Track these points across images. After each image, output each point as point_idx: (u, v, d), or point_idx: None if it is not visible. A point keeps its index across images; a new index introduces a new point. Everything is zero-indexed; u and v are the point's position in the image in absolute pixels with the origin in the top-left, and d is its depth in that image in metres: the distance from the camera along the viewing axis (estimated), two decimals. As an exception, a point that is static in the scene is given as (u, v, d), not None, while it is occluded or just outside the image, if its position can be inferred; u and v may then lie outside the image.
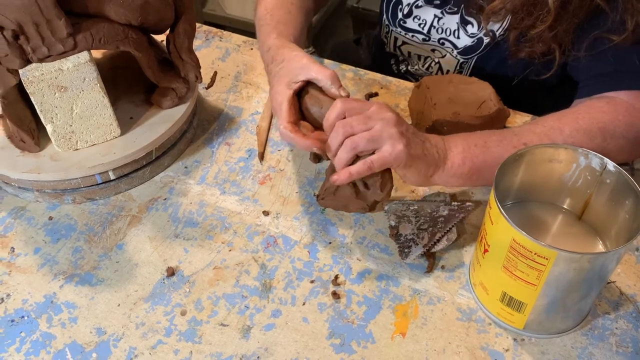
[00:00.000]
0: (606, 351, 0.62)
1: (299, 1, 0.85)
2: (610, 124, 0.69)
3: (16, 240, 0.72)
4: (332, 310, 0.65)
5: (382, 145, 0.61)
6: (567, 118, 0.70)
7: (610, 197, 0.62)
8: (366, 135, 0.61)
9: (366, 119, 0.61)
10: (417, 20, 0.92)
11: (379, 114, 0.62)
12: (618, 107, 0.71)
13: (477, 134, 0.69)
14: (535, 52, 0.79)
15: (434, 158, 0.65)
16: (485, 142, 0.68)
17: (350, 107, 0.63)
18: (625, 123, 0.70)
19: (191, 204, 0.76)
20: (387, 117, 0.62)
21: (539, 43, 0.78)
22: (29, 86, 0.67)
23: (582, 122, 0.69)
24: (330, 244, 0.72)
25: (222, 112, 0.89)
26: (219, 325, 0.64)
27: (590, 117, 0.70)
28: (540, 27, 0.75)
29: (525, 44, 0.80)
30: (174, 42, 0.78)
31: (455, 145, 0.67)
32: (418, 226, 0.69)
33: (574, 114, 0.71)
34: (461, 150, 0.67)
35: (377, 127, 0.61)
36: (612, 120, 0.70)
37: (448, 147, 0.67)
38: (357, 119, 0.62)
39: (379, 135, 0.61)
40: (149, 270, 0.69)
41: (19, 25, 0.63)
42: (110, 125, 0.75)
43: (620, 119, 0.70)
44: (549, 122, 0.70)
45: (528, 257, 0.55)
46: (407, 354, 0.62)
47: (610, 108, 0.71)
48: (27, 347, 0.62)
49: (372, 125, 0.61)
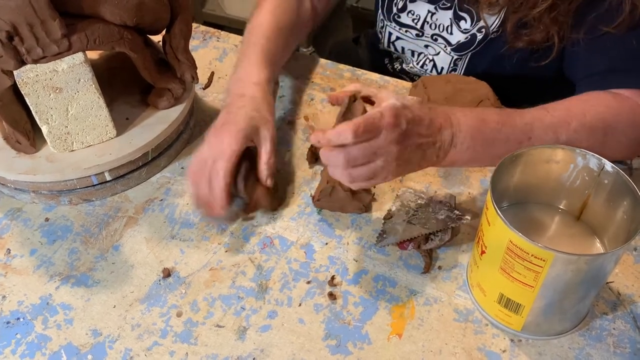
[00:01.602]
0: (604, 352, 0.62)
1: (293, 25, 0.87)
2: (613, 121, 0.69)
3: (12, 242, 0.72)
4: (328, 311, 0.65)
5: (377, 177, 0.62)
6: (576, 110, 0.69)
7: (608, 197, 0.62)
8: (365, 171, 0.61)
9: (372, 155, 0.60)
10: (411, 15, 0.92)
11: (385, 147, 0.60)
12: (623, 104, 0.71)
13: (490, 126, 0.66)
14: (534, 39, 0.78)
15: (430, 162, 0.65)
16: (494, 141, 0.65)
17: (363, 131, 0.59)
18: (628, 120, 0.70)
19: (187, 204, 0.76)
20: (391, 152, 0.60)
21: (539, 27, 0.77)
22: (24, 87, 0.67)
23: (589, 117, 0.68)
24: (326, 244, 0.71)
25: (218, 113, 0.89)
26: (214, 326, 0.64)
27: (596, 112, 0.69)
28: (542, 6, 0.74)
29: (524, 31, 0.79)
30: (170, 42, 0.77)
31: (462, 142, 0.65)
32: (409, 219, 0.69)
33: (583, 107, 0.69)
34: (466, 148, 0.65)
35: (378, 163, 0.61)
36: (615, 116, 0.69)
37: (455, 143, 0.65)
38: (363, 153, 0.60)
39: (378, 171, 0.61)
40: (145, 272, 0.69)
41: (13, 27, 0.63)
42: (106, 126, 0.75)
43: (623, 116, 0.70)
44: (558, 111, 0.68)
45: (525, 259, 0.55)
46: (403, 355, 0.61)
47: (616, 104, 0.70)
48: (23, 349, 0.62)
49: (374, 160, 0.61)
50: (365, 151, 0.59)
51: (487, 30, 0.85)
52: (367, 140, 0.59)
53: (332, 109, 0.89)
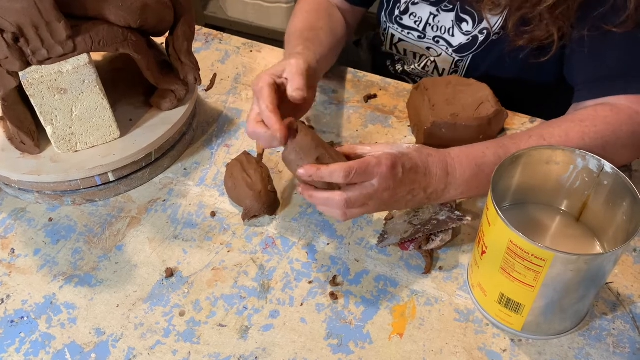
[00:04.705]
0: (603, 352, 0.62)
1: (328, 27, 0.89)
2: (613, 137, 0.69)
3: (16, 242, 0.73)
4: (330, 311, 0.65)
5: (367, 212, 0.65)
6: (574, 133, 0.68)
7: (607, 198, 0.62)
8: (358, 212, 0.64)
9: (367, 199, 0.62)
10: (413, 17, 0.93)
11: (379, 192, 0.62)
12: (621, 116, 0.70)
13: (486, 172, 0.66)
14: (535, 37, 0.78)
15: (421, 204, 0.67)
16: (489, 183, 0.63)
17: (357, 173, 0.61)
18: (627, 132, 0.70)
19: (190, 205, 0.77)
20: (384, 199, 0.63)
21: (541, 25, 0.76)
22: (29, 88, 0.68)
23: (588, 139, 0.68)
24: (328, 245, 0.72)
25: (221, 114, 0.90)
26: (217, 325, 0.64)
27: (595, 131, 0.69)
28: (546, 3, 0.74)
29: (525, 29, 0.79)
30: (173, 44, 0.78)
31: (456, 189, 0.67)
32: (410, 220, 0.69)
33: (581, 128, 0.69)
34: (460, 193, 0.67)
35: (371, 205, 0.63)
36: (615, 131, 0.69)
37: (448, 190, 0.66)
38: (359, 198, 0.62)
39: (370, 210, 0.64)
40: (148, 271, 0.69)
41: (18, 28, 0.63)
42: (110, 127, 0.76)
43: (623, 129, 0.69)
44: (555, 137, 0.68)
45: (525, 259, 0.56)
46: (404, 355, 0.62)
47: (614, 118, 0.70)
48: (27, 348, 0.63)
49: (368, 203, 0.63)
50: (361, 195, 0.62)
51: (489, 31, 0.85)
52: (359, 183, 0.61)
53: (333, 111, 0.90)
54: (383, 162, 0.61)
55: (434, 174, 0.65)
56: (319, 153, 0.61)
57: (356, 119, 0.89)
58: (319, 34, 0.84)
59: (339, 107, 0.91)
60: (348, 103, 0.91)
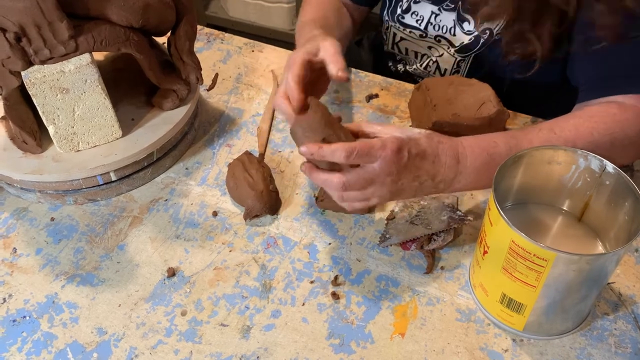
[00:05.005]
0: (605, 352, 0.62)
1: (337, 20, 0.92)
2: (621, 133, 0.69)
3: (18, 241, 0.73)
4: (331, 311, 0.65)
5: (369, 201, 0.64)
6: (583, 129, 0.68)
7: (609, 198, 0.62)
8: (357, 196, 0.63)
9: (367, 182, 0.61)
10: (415, 16, 0.93)
11: (380, 177, 0.61)
12: (629, 114, 0.70)
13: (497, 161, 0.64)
14: (526, 53, 0.79)
15: (428, 193, 0.66)
16: None
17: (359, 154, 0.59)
18: (635, 130, 0.70)
19: (192, 205, 0.77)
20: (386, 182, 0.61)
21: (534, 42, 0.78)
22: (31, 88, 0.68)
23: (597, 134, 0.68)
24: (330, 244, 0.72)
25: (223, 114, 0.90)
26: (219, 325, 0.64)
27: (605, 127, 0.68)
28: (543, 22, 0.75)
29: (517, 45, 0.80)
30: (175, 44, 0.78)
31: (466, 178, 0.65)
32: (412, 220, 0.69)
33: (590, 124, 0.69)
34: (470, 182, 0.66)
35: (371, 190, 0.62)
36: (623, 128, 0.69)
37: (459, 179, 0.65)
38: (358, 181, 0.61)
39: (370, 197, 0.63)
40: (150, 271, 0.69)
41: (21, 28, 0.64)
42: (112, 127, 0.76)
43: (632, 127, 0.69)
44: (566, 131, 0.68)
45: (527, 259, 0.56)
46: (406, 354, 0.62)
47: (622, 116, 0.70)
48: (29, 347, 0.63)
49: (367, 187, 0.62)
50: (360, 178, 0.60)
51: (491, 31, 0.85)
52: (361, 165, 0.60)
53: (335, 111, 0.90)
54: (388, 145, 0.59)
55: (443, 162, 0.63)
56: (325, 133, 0.60)
57: (358, 118, 0.89)
58: (331, 24, 0.87)
59: (340, 107, 0.91)
60: (350, 103, 0.91)
